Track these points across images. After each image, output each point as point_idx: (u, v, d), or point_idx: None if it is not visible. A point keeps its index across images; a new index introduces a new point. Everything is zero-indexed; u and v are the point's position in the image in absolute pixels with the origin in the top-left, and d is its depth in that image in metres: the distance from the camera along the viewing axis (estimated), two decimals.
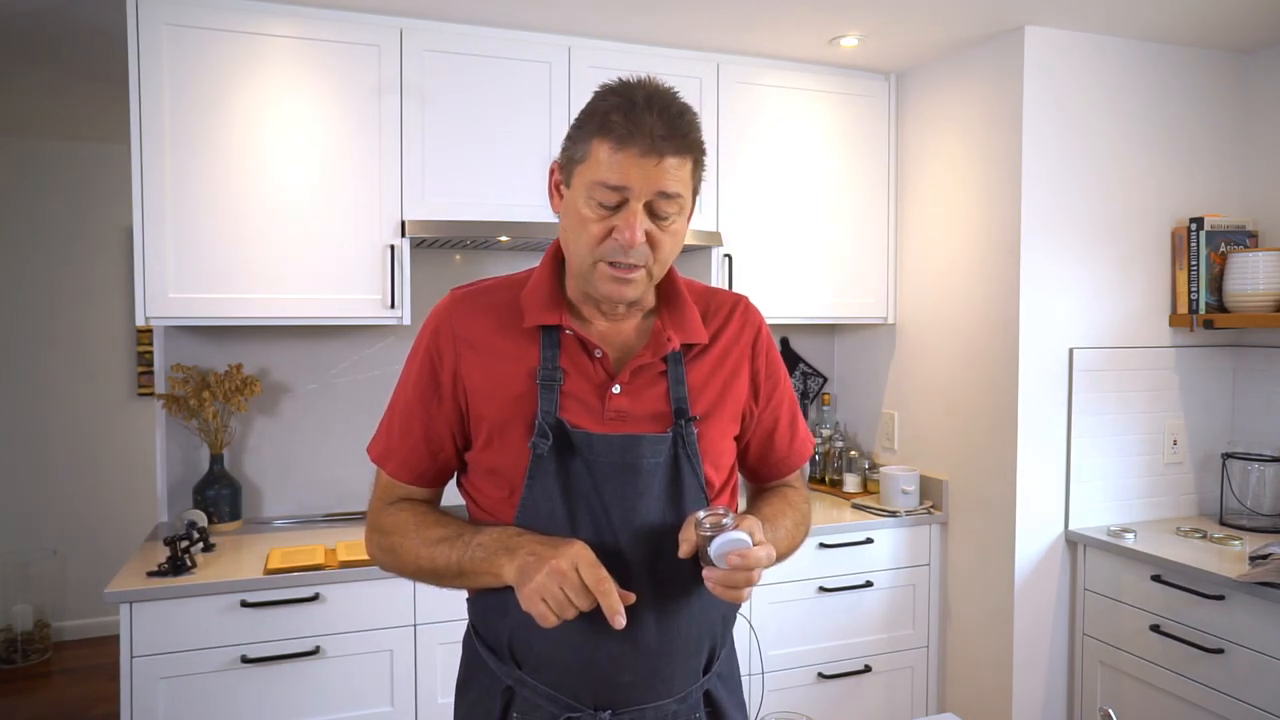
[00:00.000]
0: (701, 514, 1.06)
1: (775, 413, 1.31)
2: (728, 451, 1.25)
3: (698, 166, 1.14)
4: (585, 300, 1.20)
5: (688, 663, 1.17)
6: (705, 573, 1.06)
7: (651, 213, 1.09)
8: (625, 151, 1.06)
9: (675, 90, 1.12)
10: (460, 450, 1.22)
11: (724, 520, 1.05)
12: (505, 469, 1.16)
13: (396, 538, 1.19)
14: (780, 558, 1.22)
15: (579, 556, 1.04)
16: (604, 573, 1.03)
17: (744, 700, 1.30)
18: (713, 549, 1.03)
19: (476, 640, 1.23)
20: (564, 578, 1.02)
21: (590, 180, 1.08)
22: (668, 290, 1.24)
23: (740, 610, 1.29)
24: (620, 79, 1.12)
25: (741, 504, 1.36)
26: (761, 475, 1.37)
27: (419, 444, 1.21)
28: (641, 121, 1.05)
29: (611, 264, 1.10)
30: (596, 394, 1.16)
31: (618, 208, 1.08)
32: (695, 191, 1.16)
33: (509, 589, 1.12)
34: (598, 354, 1.17)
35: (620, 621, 1.01)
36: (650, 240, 1.10)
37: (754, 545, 1.04)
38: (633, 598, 1.06)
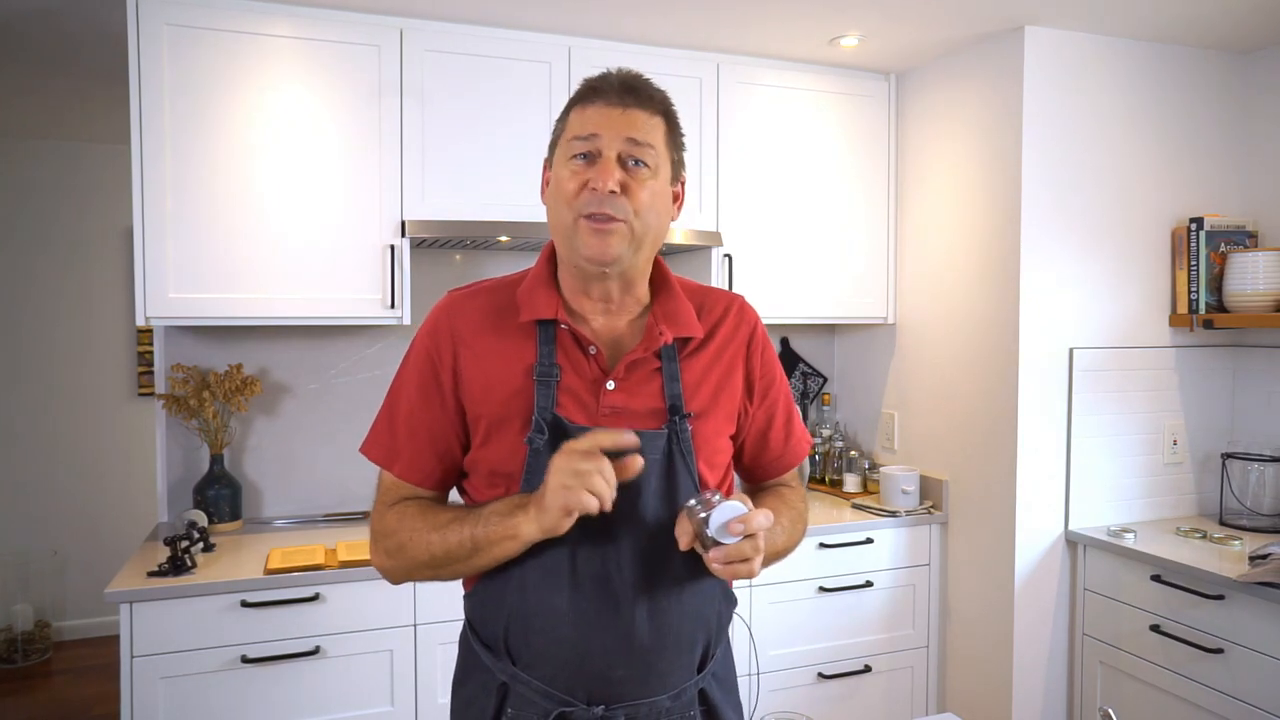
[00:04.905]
0: (691, 501, 1.06)
1: (770, 411, 1.30)
2: (723, 450, 1.25)
3: (672, 133, 1.19)
4: (581, 295, 1.20)
5: (681, 659, 1.17)
6: (710, 554, 1.04)
7: (626, 168, 1.13)
8: (593, 105, 1.14)
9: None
10: (464, 451, 1.22)
11: (713, 499, 1.05)
12: (502, 466, 1.16)
13: (404, 534, 1.17)
14: (778, 556, 1.23)
15: (561, 454, 1.04)
16: (590, 436, 1.04)
17: (740, 701, 1.30)
18: (711, 526, 1.03)
19: (472, 636, 1.23)
20: (565, 463, 1.03)
21: (566, 142, 1.15)
22: (660, 286, 1.25)
23: (737, 611, 1.29)
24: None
25: None
26: (756, 475, 1.37)
27: (424, 446, 1.21)
28: (605, 80, 1.16)
29: (590, 217, 1.12)
30: (591, 390, 1.16)
31: (593, 162, 1.13)
32: (675, 161, 1.19)
33: (504, 581, 1.13)
34: (592, 350, 1.17)
35: (632, 439, 1.05)
36: (626, 191, 1.12)
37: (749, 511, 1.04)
38: (634, 440, 1.06)
